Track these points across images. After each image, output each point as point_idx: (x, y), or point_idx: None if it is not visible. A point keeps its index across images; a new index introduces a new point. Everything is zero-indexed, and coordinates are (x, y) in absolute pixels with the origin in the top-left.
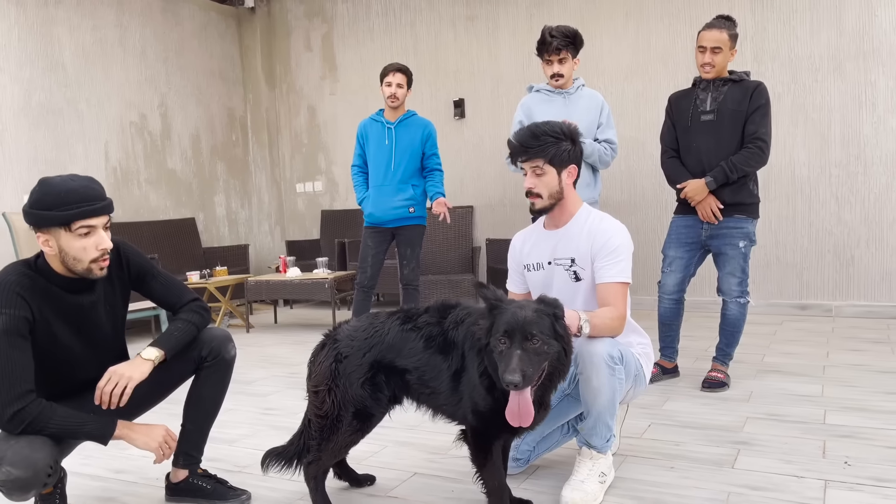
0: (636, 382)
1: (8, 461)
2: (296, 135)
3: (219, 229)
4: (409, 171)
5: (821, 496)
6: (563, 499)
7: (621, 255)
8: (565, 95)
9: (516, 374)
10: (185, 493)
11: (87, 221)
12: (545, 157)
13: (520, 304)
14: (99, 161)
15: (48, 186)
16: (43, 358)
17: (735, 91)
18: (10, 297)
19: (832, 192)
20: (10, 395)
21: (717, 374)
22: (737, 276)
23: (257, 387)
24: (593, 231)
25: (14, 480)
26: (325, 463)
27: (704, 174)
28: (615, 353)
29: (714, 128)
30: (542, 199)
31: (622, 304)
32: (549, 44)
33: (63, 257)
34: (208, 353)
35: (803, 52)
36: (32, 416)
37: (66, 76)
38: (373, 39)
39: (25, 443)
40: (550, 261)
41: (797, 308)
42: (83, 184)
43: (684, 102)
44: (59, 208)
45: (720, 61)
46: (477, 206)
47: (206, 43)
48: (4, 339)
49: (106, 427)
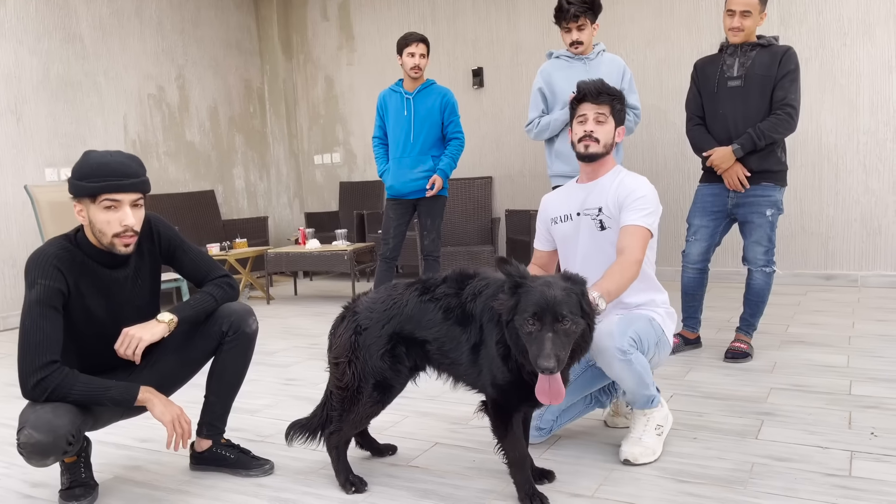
0: (659, 348)
1: (31, 424)
2: (313, 106)
3: (238, 201)
4: (430, 141)
5: (846, 467)
6: (623, 454)
7: (647, 205)
8: (585, 61)
9: (551, 360)
10: (209, 461)
11: (111, 196)
12: (612, 107)
13: (546, 282)
14: (118, 134)
15: (87, 158)
16: (75, 331)
17: (763, 56)
18: (48, 268)
19: (860, 159)
20: (35, 365)
21: (741, 345)
22: (763, 244)
23: (278, 357)
24: (622, 184)
25: (35, 444)
26: (346, 433)
27: (731, 141)
28: (625, 345)
29: (741, 94)
30: (597, 145)
31: (638, 248)
32: (566, 11)
33: (91, 228)
34: (229, 328)
35: (832, 15)
36: (55, 383)
37: (84, 48)
38: (390, 8)
39: (50, 409)
40: (580, 212)
41: (822, 278)
42: (118, 160)
43: (710, 68)
44: (88, 179)
45: (749, 25)
46: (496, 177)
47: (222, 13)
48: (37, 308)
49: (130, 391)
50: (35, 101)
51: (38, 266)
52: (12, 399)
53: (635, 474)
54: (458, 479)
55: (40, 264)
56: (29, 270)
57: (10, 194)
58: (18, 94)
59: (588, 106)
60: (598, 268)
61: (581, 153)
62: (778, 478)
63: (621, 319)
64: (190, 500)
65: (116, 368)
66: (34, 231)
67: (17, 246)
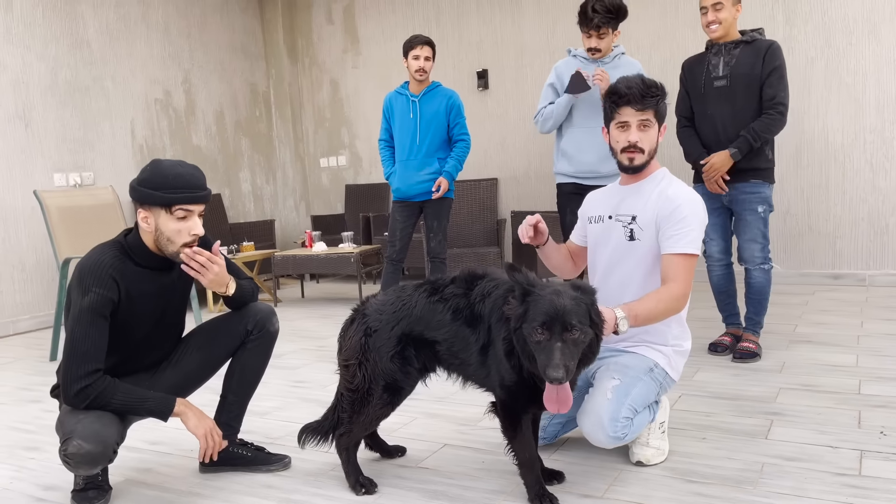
0: (661, 392)
1: (79, 435)
2: (319, 109)
3: (244, 205)
4: (435, 143)
5: (856, 466)
6: (635, 456)
7: (690, 225)
8: (600, 64)
9: (560, 370)
10: (223, 462)
11: (186, 206)
12: (656, 110)
13: (555, 291)
14: (125, 138)
15: (159, 168)
16: (118, 335)
17: (747, 53)
18: (104, 278)
19: (866, 158)
20: (80, 372)
21: (749, 345)
22: (758, 241)
23: (287, 360)
24: (663, 195)
25: (84, 454)
26: (356, 435)
27: (720, 143)
28: (618, 432)
29: (727, 94)
30: (643, 155)
31: (684, 279)
32: (591, 19)
33: (157, 237)
34: (254, 327)
35: (837, 14)
36: (97, 392)
37: (92, 53)
38: (394, 11)
39: (94, 418)
40: (612, 215)
41: (830, 277)
42: (190, 171)
43: (697, 69)
44: (164, 190)
45: (725, 17)
46: (501, 179)
47: (227, 17)
48: (87, 316)
49: (167, 403)
50: (43, 106)
51: (93, 274)
52: (23, 403)
53: (644, 475)
54: (468, 480)
55: (96, 273)
56: (83, 277)
57: (19, 199)
58: (27, 100)
59: (630, 111)
60: (618, 280)
61: (625, 165)
62: (788, 478)
63: (615, 394)
64: (201, 502)
65: (140, 369)
66: (43, 236)
67: (26, 251)
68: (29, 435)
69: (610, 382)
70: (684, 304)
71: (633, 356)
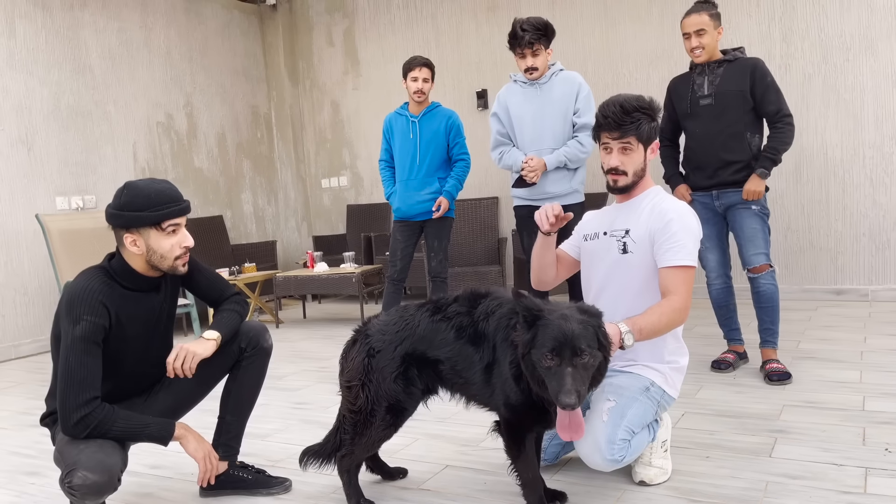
0: (660, 408)
1: (83, 466)
2: (320, 130)
3: (246, 226)
4: (435, 163)
5: (861, 484)
6: (638, 475)
7: (683, 238)
8: (537, 86)
9: (572, 396)
10: (224, 485)
11: (175, 220)
12: (638, 135)
13: (563, 315)
14: (128, 161)
15: (138, 189)
16: (111, 361)
17: (731, 71)
18: (95, 305)
19: (866, 174)
20: (79, 401)
21: (779, 365)
22: (759, 237)
23: (288, 381)
24: (656, 210)
25: (90, 486)
26: (357, 457)
27: (708, 158)
28: (615, 455)
29: (714, 112)
30: (626, 177)
31: (684, 291)
32: (521, 38)
33: (150, 256)
34: (247, 345)
35: (833, 31)
36: (97, 420)
37: (94, 78)
38: (394, 32)
39: (96, 447)
40: (606, 231)
41: (832, 293)
42: (166, 186)
43: (682, 88)
44: (150, 209)
45: (708, 42)
46: (502, 197)
47: (229, 41)
48: (81, 345)
49: (167, 428)
50: (46, 130)
51: (83, 302)
52: (24, 427)
53: (648, 494)
54: (470, 502)
55: (86, 300)
56: (73, 306)
57: (22, 223)
58: (29, 125)
59: (609, 136)
60: (612, 295)
61: (610, 186)
62: (793, 496)
63: (610, 416)
64: None
65: (133, 393)
66: (45, 259)
67: (28, 274)
68: (29, 460)
69: (605, 404)
70: (685, 317)
71: (629, 376)
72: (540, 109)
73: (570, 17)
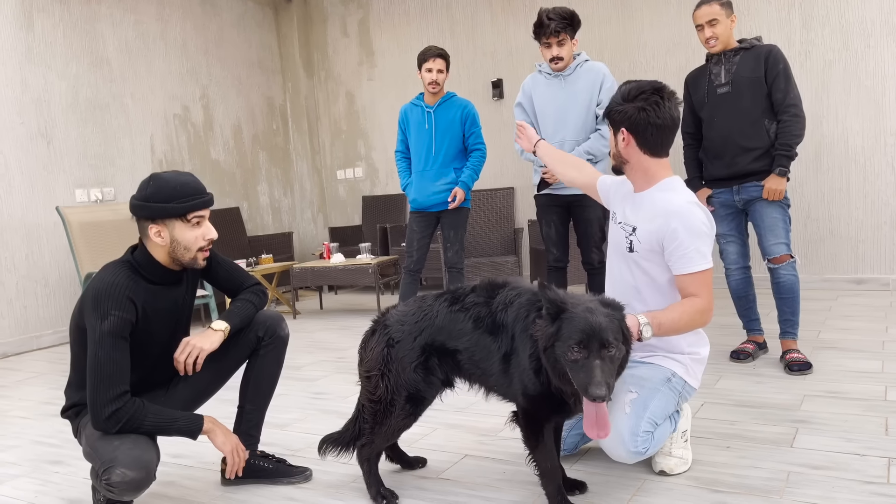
0: (681, 401)
1: (121, 464)
2: (335, 122)
3: (263, 218)
4: (451, 154)
5: (884, 474)
6: (658, 465)
7: (693, 244)
8: (562, 78)
9: (602, 388)
10: (245, 475)
11: (200, 212)
12: (609, 117)
13: (588, 308)
14: (145, 154)
15: (164, 181)
16: (136, 354)
17: (747, 58)
18: (122, 300)
19: (888, 161)
20: (109, 396)
21: (799, 355)
22: (779, 227)
23: (306, 371)
24: (658, 213)
25: (129, 482)
26: (377, 446)
27: (728, 148)
28: (639, 447)
29: (732, 99)
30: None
31: (706, 293)
32: (546, 27)
33: (174, 248)
34: (264, 333)
35: (854, 17)
36: (129, 415)
37: (111, 71)
38: (409, 23)
39: (132, 443)
40: (620, 220)
41: (853, 282)
42: (191, 179)
43: (699, 80)
44: (176, 200)
45: (721, 32)
46: (518, 188)
47: (244, 33)
48: (110, 340)
49: (196, 422)
50: (65, 124)
51: (110, 297)
52: (47, 417)
53: (668, 484)
54: (489, 491)
55: (113, 295)
56: (100, 301)
57: (42, 215)
58: (49, 118)
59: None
60: (622, 293)
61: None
62: (815, 486)
63: (633, 409)
64: None
65: (156, 385)
66: (65, 251)
67: (49, 266)
68: (53, 449)
69: (627, 396)
70: (709, 318)
71: (650, 367)
72: (564, 101)
73: (588, 5)
